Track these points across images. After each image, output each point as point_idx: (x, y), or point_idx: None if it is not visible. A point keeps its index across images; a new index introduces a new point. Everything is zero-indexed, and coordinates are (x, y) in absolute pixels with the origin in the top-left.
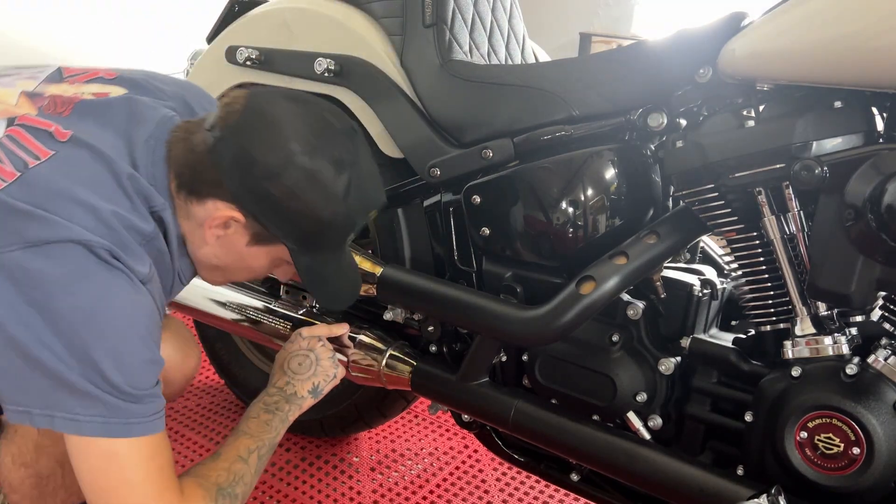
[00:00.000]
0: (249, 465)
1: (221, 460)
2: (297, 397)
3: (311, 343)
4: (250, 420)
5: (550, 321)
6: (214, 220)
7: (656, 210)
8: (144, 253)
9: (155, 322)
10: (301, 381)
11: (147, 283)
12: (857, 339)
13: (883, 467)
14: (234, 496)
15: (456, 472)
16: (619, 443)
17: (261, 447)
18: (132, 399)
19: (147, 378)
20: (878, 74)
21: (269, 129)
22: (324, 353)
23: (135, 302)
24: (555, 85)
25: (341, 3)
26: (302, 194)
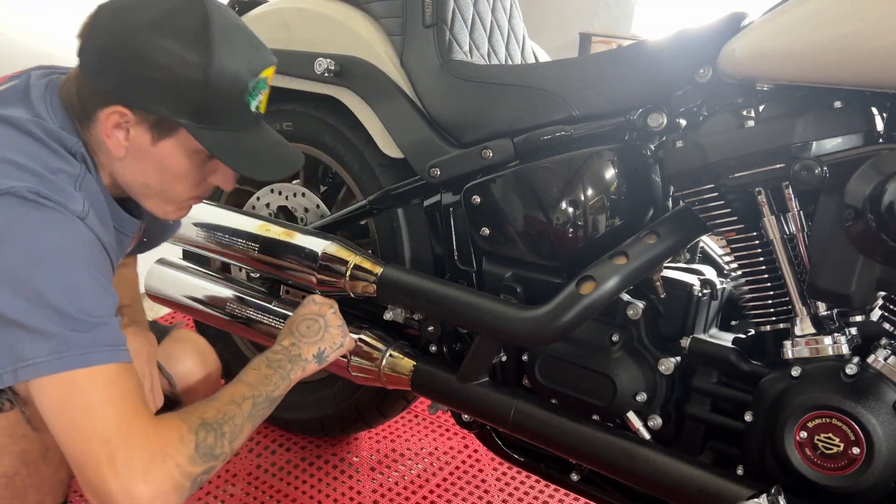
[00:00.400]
0: (242, 410)
1: (213, 400)
2: (301, 359)
3: (322, 309)
4: (250, 371)
5: (550, 321)
6: (106, 124)
7: (656, 210)
8: (76, 192)
9: (99, 252)
10: (307, 343)
11: (84, 219)
12: (856, 339)
13: (883, 467)
14: (222, 433)
15: (456, 472)
16: (619, 443)
17: (257, 396)
18: (86, 327)
19: (98, 305)
20: (878, 74)
21: (118, 18)
22: (333, 321)
23: (71, 234)
24: (555, 85)
25: (341, 3)
26: (166, 60)
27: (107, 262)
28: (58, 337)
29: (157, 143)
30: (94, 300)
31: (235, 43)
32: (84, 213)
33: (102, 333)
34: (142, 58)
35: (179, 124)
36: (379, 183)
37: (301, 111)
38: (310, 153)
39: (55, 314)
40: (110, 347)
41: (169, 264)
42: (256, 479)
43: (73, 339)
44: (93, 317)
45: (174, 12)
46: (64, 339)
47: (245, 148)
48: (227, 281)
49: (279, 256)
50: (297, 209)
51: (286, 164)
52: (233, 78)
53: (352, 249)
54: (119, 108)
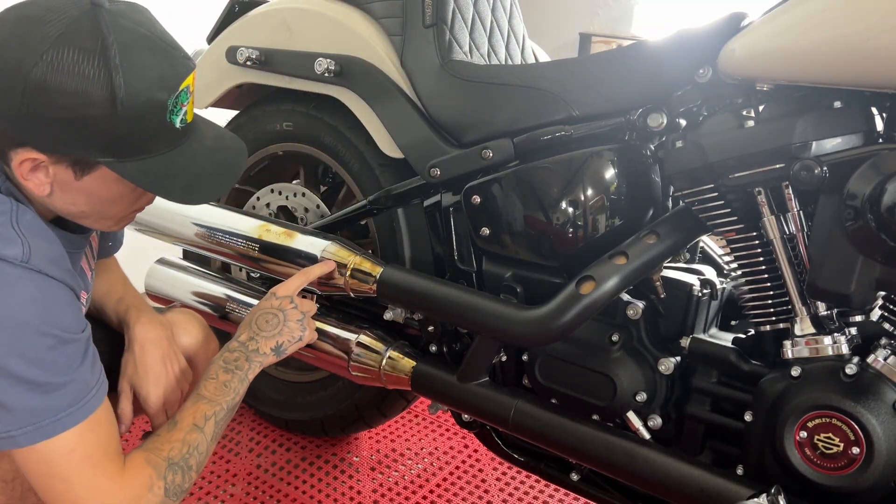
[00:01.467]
0: (205, 434)
1: (176, 430)
2: (259, 353)
3: (282, 303)
4: (209, 381)
5: (550, 321)
6: (20, 169)
7: (656, 210)
8: (12, 231)
9: (52, 297)
10: (265, 338)
11: (28, 262)
12: (856, 338)
13: (882, 467)
14: (188, 468)
15: (456, 472)
16: (619, 443)
17: (218, 412)
18: (54, 388)
19: (62, 358)
20: (878, 74)
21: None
22: (293, 315)
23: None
24: (555, 85)
25: (341, 3)
26: (66, 101)
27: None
28: (27, 409)
29: (81, 179)
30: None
31: (142, 61)
32: (26, 255)
33: (72, 390)
34: (39, 101)
35: (99, 163)
36: (379, 183)
37: (301, 111)
38: (310, 153)
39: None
40: (81, 403)
41: (169, 264)
42: (256, 479)
43: (44, 408)
44: (59, 375)
45: (66, 39)
46: (33, 410)
47: (177, 170)
48: (227, 281)
49: (279, 256)
50: (297, 209)
51: (226, 176)
52: (146, 103)
53: (352, 249)
54: (30, 153)
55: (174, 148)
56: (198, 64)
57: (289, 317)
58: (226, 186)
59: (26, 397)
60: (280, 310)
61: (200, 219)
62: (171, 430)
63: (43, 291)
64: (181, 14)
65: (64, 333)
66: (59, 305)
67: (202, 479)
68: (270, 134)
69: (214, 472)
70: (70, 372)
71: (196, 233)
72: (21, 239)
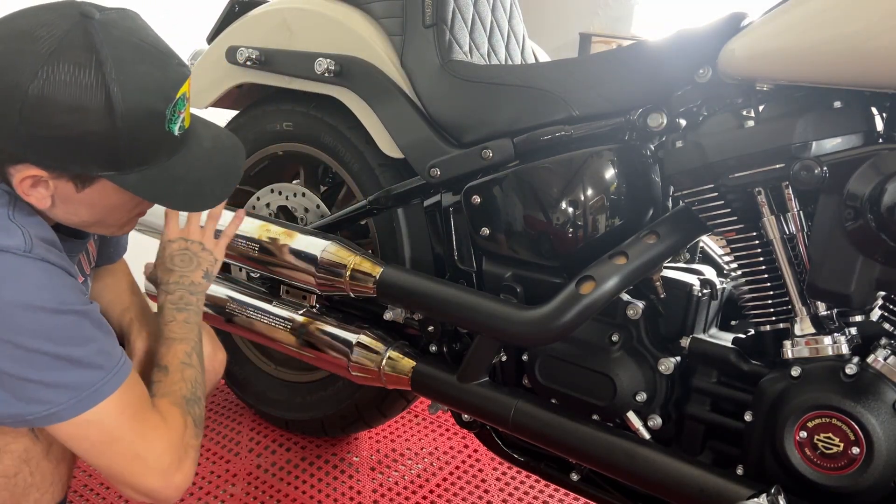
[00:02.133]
0: (195, 366)
1: (172, 372)
2: (195, 285)
3: (180, 243)
4: (171, 324)
5: (550, 321)
6: (21, 186)
7: (656, 210)
8: (10, 223)
9: (59, 281)
10: (191, 271)
11: (31, 250)
12: (856, 338)
13: (882, 467)
14: (198, 399)
15: (456, 472)
16: (619, 443)
17: (195, 346)
18: (91, 356)
19: (86, 331)
20: (878, 74)
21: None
22: (194, 247)
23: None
24: (555, 85)
25: (341, 3)
26: (63, 118)
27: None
28: (67, 385)
29: (82, 191)
30: (79, 331)
31: (138, 72)
32: (28, 245)
33: (104, 357)
34: (37, 119)
35: (99, 177)
36: (379, 183)
37: (301, 111)
38: (310, 153)
39: (57, 363)
40: (114, 370)
41: None
42: (256, 479)
43: (82, 381)
44: (88, 347)
45: (59, 55)
46: (73, 384)
47: (178, 177)
48: (227, 281)
49: (279, 256)
50: (297, 209)
51: (227, 178)
52: (145, 114)
53: (352, 249)
54: (31, 170)
55: (174, 155)
56: (198, 64)
57: (193, 249)
58: (228, 190)
59: (64, 374)
60: (184, 249)
61: (200, 219)
62: (167, 373)
63: (50, 277)
64: (181, 14)
65: (80, 307)
66: (66, 287)
67: (202, 479)
68: (270, 134)
69: (214, 472)
70: (98, 340)
71: None
72: (21, 230)
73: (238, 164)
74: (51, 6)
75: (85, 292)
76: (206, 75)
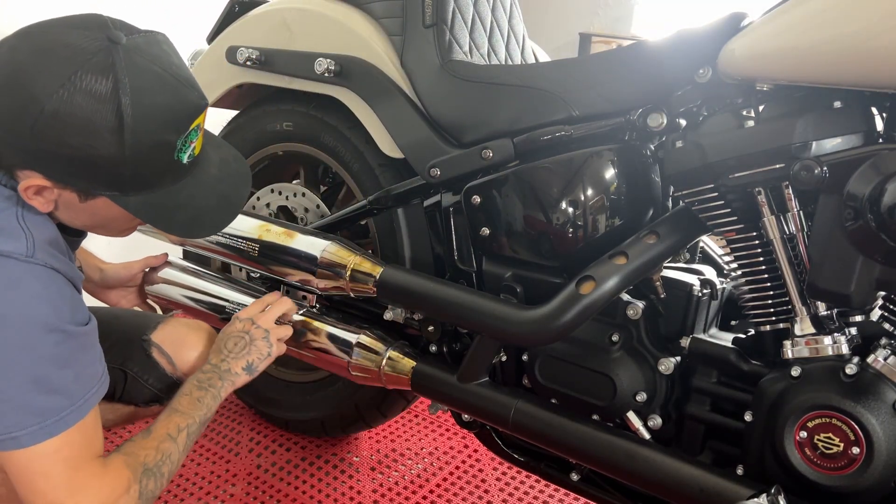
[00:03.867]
0: (178, 444)
1: (151, 438)
2: (231, 373)
3: (245, 325)
4: (183, 397)
5: (550, 321)
6: (26, 193)
7: (656, 210)
8: (17, 225)
9: (56, 292)
10: (234, 359)
11: (32, 255)
12: (856, 338)
13: (882, 467)
14: (161, 475)
15: (456, 472)
16: (619, 443)
17: (191, 425)
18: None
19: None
20: (878, 74)
21: (16, 81)
22: (258, 334)
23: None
24: (555, 85)
25: (341, 4)
26: (75, 140)
27: (70, 287)
28: (32, 409)
29: (85, 202)
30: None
31: (154, 103)
32: (30, 250)
33: (75, 387)
34: (49, 136)
35: (102, 195)
36: (379, 183)
37: (301, 111)
38: (310, 153)
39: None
40: (82, 400)
41: (169, 265)
42: (256, 479)
43: (48, 407)
44: (64, 373)
45: (80, 79)
46: (38, 409)
47: (181, 203)
48: (227, 281)
49: (279, 256)
50: (297, 209)
51: (229, 208)
52: (155, 144)
53: (352, 249)
54: (37, 179)
55: (178, 182)
56: (198, 64)
57: (254, 336)
58: (228, 220)
59: (32, 396)
60: (245, 332)
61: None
62: (146, 437)
63: (47, 286)
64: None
65: (70, 327)
66: (63, 300)
67: (202, 479)
68: (270, 134)
69: (214, 472)
70: (75, 367)
71: None
72: (25, 233)
73: (242, 195)
74: (80, 24)
75: (83, 306)
76: (206, 75)
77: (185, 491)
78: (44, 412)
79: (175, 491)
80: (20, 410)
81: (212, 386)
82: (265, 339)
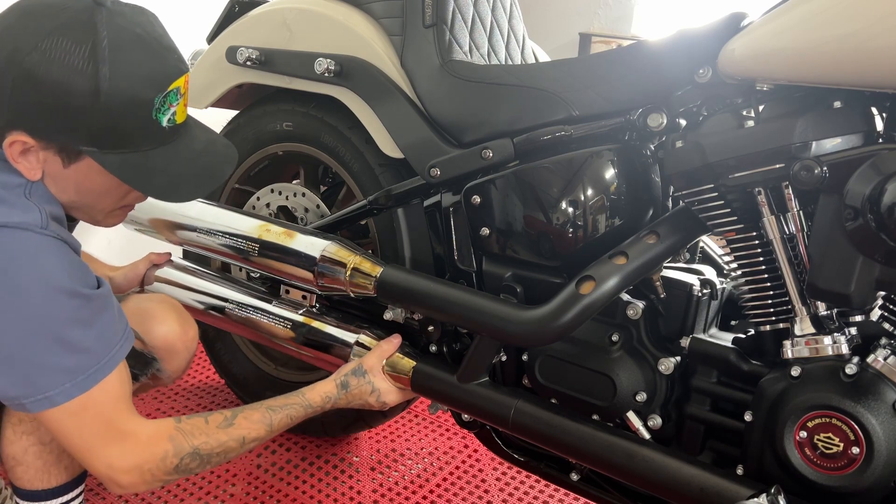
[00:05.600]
0: (243, 447)
1: (225, 432)
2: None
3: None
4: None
5: (550, 321)
6: (11, 151)
7: (656, 210)
8: (27, 201)
9: (71, 259)
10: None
11: (46, 227)
12: (856, 338)
13: (882, 467)
14: (208, 462)
15: (456, 472)
16: (618, 442)
17: (264, 438)
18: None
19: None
20: (878, 74)
21: (2, 39)
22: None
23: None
24: (555, 85)
25: (341, 4)
26: (53, 89)
27: (77, 256)
28: (63, 368)
29: (68, 167)
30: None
31: (131, 58)
32: (44, 222)
33: (100, 344)
34: (30, 85)
35: (83, 152)
36: (379, 183)
37: (301, 111)
38: (310, 153)
39: (58, 346)
40: (108, 356)
41: (170, 263)
42: (256, 479)
43: (78, 365)
44: (89, 332)
45: (60, 32)
46: (68, 368)
47: (158, 167)
48: (227, 281)
49: (279, 256)
50: (297, 209)
51: (208, 179)
52: (131, 98)
53: (352, 249)
54: (21, 136)
55: (158, 146)
56: (198, 64)
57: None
58: (206, 189)
59: (61, 357)
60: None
61: (201, 219)
62: (223, 427)
63: (63, 256)
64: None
65: (87, 291)
66: (77, 267)
67: (202, 479)
68: (270, 134)
69: (214, 472)
70: (97, 327)
71: (196, 233)
72: (38, 207)
73: (224, 170)
74: None
75: (91, 272)
76: (206, 75)
77: (185, 491)
78: (73, 370)
79: (175, 491)
80: (51, 371)
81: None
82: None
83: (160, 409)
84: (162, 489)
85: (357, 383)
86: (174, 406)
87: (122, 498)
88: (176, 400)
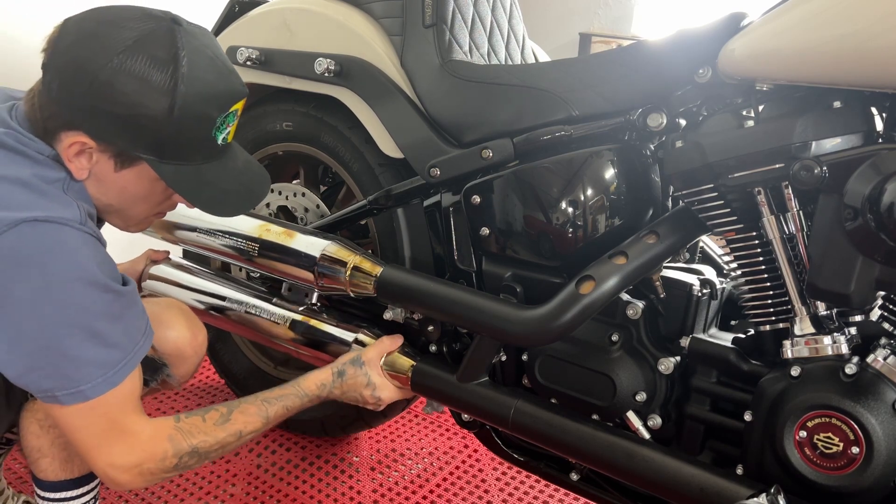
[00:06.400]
0: (240, 440)
1: (222, 429)
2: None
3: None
4: (278, 407)
5: (550, 321)
6: (68, 151)
7: (656, 210)
8: (66, 197)
9: (104, 256)
10: (339, 386)
11: (84, 223)
12: (856, 338)
13: (882, 466)
14: (206, 458)
15: (456, 472)
16: (618, 442)
17: (261, 430)
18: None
19: (119, 310)
20: (877, 74)
21: (83, 42)
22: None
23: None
24: (555, 85)
25: (341, 4)
26: (130, 98)
27: (109, 260)
28: (95, 362)
29: (119, 171)
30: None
31: (205, 78)
32: (82, 218)
33: (127, 340)
34: (104, 92)
35: (141, 158)
36: (379, 183)
37: (301, 111)
38: (310, 153)
39: (91, 340)
40: (133, 352)
41: (169, 264)
42: (256, 479)
43: (107, 360)
44: (119, 327)
45: (141, 44)
46: (101, 362)
47: (208, 181)
48: (227, 281)
49: (279, 256)
50: (297, 209)
51: (249, 196)
52: (199, 116)
53: (351, 249)
54: (81, 137)
55: (209, 162)
56: None
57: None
58: (248, 206)
59: (94, 350)
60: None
61: (201, 219)
62: (220, 424)
63: (98, 252)
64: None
65: (119, 287)
66: (109, 263)
67: (202, 479)
68: (270, 134)
69: (214, 472)
70: (124, 322)
71: (196, 233)
72: (76, 203)
73: (263, 189)
74: (146, 8)
75: (117, 269)
76: None
77: (185, 491)
78: (104, 365)
79: (175, 491)
80: (85, 364)
81: (304, 397)
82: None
83: (160, 409)
84: (162, 489)
85: (353, 373)
86: (174, 405)
87: (122, 498)
88: (176, 400)
